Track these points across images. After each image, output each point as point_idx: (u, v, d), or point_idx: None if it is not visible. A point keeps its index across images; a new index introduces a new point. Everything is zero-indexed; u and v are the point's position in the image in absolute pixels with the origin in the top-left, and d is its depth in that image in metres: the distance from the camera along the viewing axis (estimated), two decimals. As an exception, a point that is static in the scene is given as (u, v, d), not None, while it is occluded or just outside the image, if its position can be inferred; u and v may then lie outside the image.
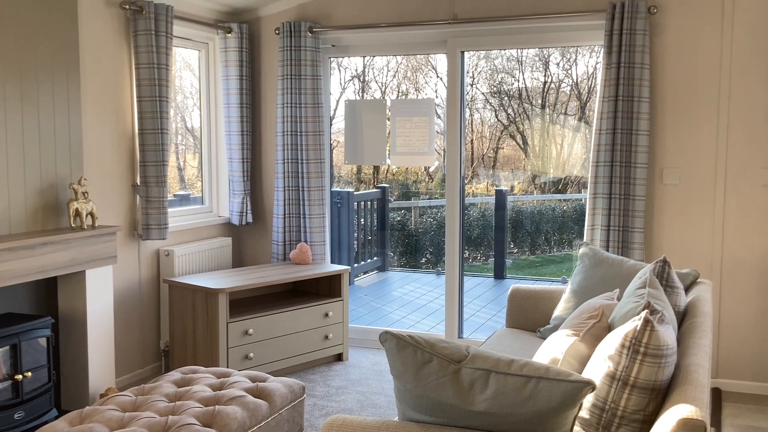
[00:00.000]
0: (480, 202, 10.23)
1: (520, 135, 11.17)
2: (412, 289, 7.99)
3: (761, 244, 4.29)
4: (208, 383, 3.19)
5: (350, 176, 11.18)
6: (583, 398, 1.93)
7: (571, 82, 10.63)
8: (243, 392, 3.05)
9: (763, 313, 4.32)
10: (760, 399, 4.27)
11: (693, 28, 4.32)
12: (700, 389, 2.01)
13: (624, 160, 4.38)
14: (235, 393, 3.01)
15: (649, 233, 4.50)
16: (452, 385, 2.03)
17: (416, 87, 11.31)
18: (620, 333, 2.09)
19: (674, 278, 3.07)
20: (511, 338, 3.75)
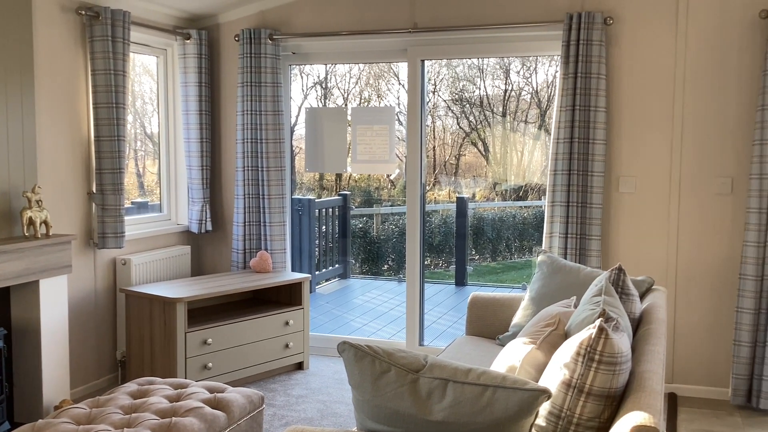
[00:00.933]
0: (442, 209, 10.27)
1: (481, 142, 11.26)
2: (373, 297, 7.99)
3: (714, 251, 4.39)
4: (164, 395, 3.14)
5: (313, 183, 11.15)
6: (539, 406, 1.95)
7: (531, 90, 10.75)
8: (200, 403, 3.01)
9: (716, 318, 4.41)
10: (714, 403, 4.36)
11: (648, 39, 4.40)
12: (653, 396, 2.04)
13: (581, 168, 4.44)
14: (192, 404, 2.98)
15: (605, 241, 4.57)
16: (410, 395, 2.04)
17: (378, 94, 11.34)
18: (576, 341, 2.11)
19: (629, 285, 3.12)
20: (471, 346, 3.77)
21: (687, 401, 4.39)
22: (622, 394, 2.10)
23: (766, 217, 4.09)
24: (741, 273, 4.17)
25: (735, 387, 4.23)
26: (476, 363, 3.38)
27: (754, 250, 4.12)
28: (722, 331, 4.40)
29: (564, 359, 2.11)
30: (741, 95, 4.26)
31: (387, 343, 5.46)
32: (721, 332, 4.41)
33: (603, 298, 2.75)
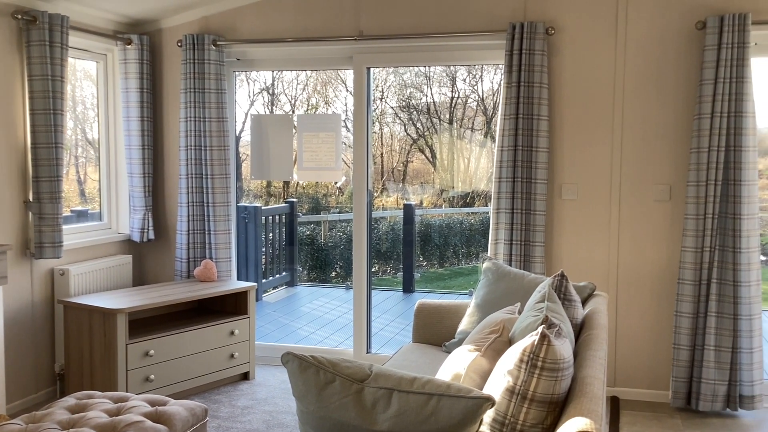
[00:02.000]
0: (390, 216, 10.29)
1: (429, 149, 11.33)
2: (321, 304, 7.95)
3: (653, 256, 4.49)
4: (104, 408, 3.06)
5: (260, 190, 11.05)
6: (483, 414, 1.95)
7: (477, 98, 10.87)
8: (141, 417, 2.94)
9: (656, 322, 4.51)
10: (656, 406, 4.45)
11: (588, 49, 4.49)
12: (595, 401, 2.06)
13: (525, 176, 4.50)
14: (132, 418, 2.90)
15: (549, 247, 4.64)
16: (355, 405, 2.02)
17: (326, 100, 11.31)
18: (519, 348, 2.13)
19: (572, 291, 3.16)
20: (418, 353, 3.77)
21: (629, 404, 4.47)
22: (564, 400, 2.12)
23: (703, 223, 4.20)
24: (679, 278, 4.27)
25: (675, 390, 4.33)
26: (422, 370, 3.38)
27: (691, 255, 4.23)
28: (662, 334, 4.50)
29: (507, 366, 2.13)
30: (678, 104, 4.38)
31: (334, 351, 5.43)
32: (661, 336, 4.51)
33: (546, 305, 2.78)
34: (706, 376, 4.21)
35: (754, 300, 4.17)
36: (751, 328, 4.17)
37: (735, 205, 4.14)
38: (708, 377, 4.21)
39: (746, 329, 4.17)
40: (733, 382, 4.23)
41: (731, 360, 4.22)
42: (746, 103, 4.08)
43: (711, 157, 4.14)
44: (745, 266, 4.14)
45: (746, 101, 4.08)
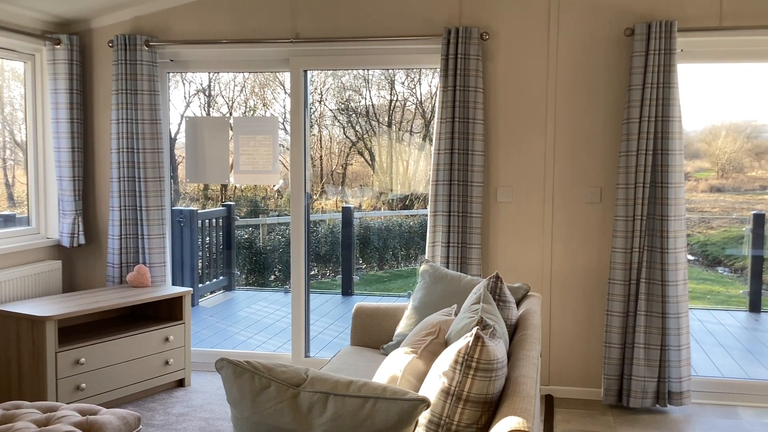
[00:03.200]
0: (329, 219, 10.26)
1: (368, 152, 11.35)
2: (259, 308, 7.87)
3: (585, 257, 4.60)
4: (32, 419, 2.96)
5: (197, 193, 10.88)
6: (418, 415, 1.97)
7: (415, 101, 10.94)
8: (71, 427, 2.85)
9: (588, 322, 4.62)
10: (588, 403, 4.55)
11: (522, 54, 4.57)
12: (527, 400, 2.10)
13: (461, 179, 4.55)
14: (62, 429, 2.82)
15: (486, 249, 4.70)
16: (291, 410, 2.01)
17: (264, 103, 11.22)
18: (454, 349, 2.15)
19: (506, 293, 3.21)
20: (356, 356, 3.77)
21: (563, 402, 4.56)
22: (498, 399, 2.15)
23: (632, 224, 4.33)
24: (610, 278, 4.39)
25: (607, 387, 4.44)
26: (360, 373, 3.39)
27: (621, 256, 4.35)
28: (594, 333, 4.61)
29: (443, 368, 2.15)
30: (608, 109, 4.49)
31: (272, 356, 5.38)
32: (593, 335, 4.62)
33: (481, 306, 2.82)
34: (637, 373, 4.33)
35: (682, 299, 4.31)
36: (678, 326, 4.31)
37: (662, 207, 4.28)
38: (638, 374, 4.33)
39: (674, 327, 4.31)
40: (662, 379, 4.37)
41: (660, 357, 4.35)
42: (673, 108, 4.22)
43: (639, 161, 4.26)
44: (672, 266, 4.28)
45: (673, 106, 4.22)
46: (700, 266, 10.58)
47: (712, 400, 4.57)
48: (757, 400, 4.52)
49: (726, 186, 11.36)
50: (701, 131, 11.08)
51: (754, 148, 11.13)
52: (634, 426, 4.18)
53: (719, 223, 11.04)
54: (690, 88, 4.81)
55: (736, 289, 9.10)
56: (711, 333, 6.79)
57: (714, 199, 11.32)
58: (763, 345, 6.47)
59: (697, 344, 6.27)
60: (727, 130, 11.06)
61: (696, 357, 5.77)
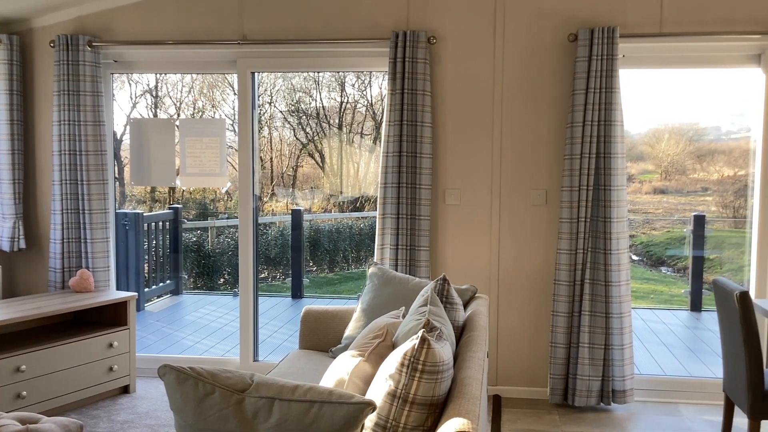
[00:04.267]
0: (279, 221, 10.20)
1: (318, 154, 11.31)
2: (207, 312, 7.77)
3: (531, 259, 4.66)
4: (-32, 431, 2.87)
5: (144, 195, 10.69)
6: (364, 419, 1.97)
7: (366, 103, 10.96)
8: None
9: (535, 322, 4.69)
10: (535, 403, 4.62)
11: (468, 58, 4.62)
12: (473, 401, 2.12)
13: (410, 181, 4.57)
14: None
15: (434, 251, 4.73)
16: (235, 416, 1.99)
17: (213, 104, 11.09)
18: (400, 352, 2.16)
19: (453, 295, 3.24)
20: (304, 360, 3.76)
21: (510, 402, 4.62)
22: (444, 401, 2.17)
23: (577, 226, 4.41)
24: (555, 279, 4.46)
25: (553, 386, 4.51)
26: (309, 377, 3.38)
27: (566, 257, 4.43)
28: (540, 334, 4.68)
29: (389, 370, 2.16)
30: (553, 112, 4.57)
31: (220, 361, 5.32)
32: (539, 335, 4.69)
33: (428, 308, 2.84)
34: (581, 372, 4.41)
35: (624, 299, 4.41)
36: (621, 325, 4.40)
37: (605, 209, 4.37)
38: (583, 374, 4.41)
39: (617, 327, 4.40)
40: (606, 378, 4.45)
41: (604, 356, 4.44)
42: (615, 113, 4.31)
43: (583, 164, 4.34)
44: (615, 267, 4.37)
45: (615, 110, 4.31)
46: (644, 266, 10.83)
47: (655, 398, 4.68)
48: (698, 397, 4.65)
49: (669, 188, 11.65)
50: (645, 134, 11.35)
51: (695, 150, 11.44)
52: (579, 424, 4.25)
53: (662, 224, 11.32)
54: (635, 92, 4.92)
55: (678, 288, 9.35)
56: (654, 332, 6.96)
57: (658, 201, 11.60)
58: (703, 343, 6.66)
59: (641, 343, 6.42)
60: (670, 133, 11.34)
61: (639, 356, 5.90)
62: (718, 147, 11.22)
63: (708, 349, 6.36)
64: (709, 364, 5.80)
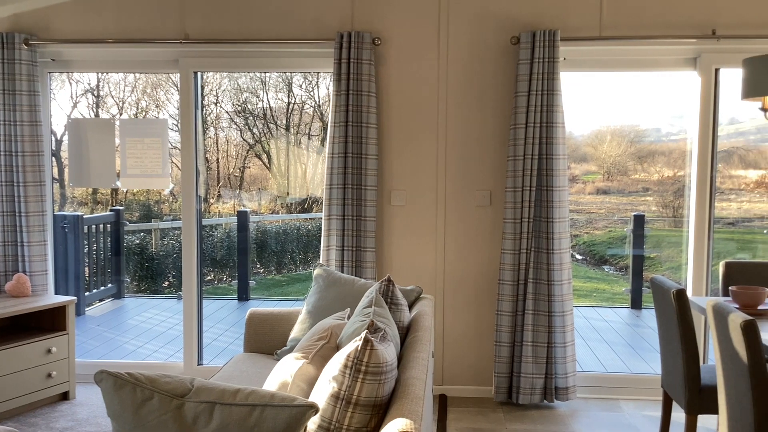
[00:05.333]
0: (225, 223, 10.09)
1: (266, 154, 11.22)
2: (150, 316, 7.63)
3: (476, 259, 4.71)
4: None
5: (86, 197, 10.45)
6: (306, 421, 1.95)
7: (314, 104, 10.91)
8: (-61, 449, 2.68)
9: (480, 322, 4.74)
10: (480, 401, 4.67)
11: (413, 60, 4.64)
12: (416, 402, 2.13)
13: (355, 182, 4.56)
14: (-72, 451, 2.64)
15: (380, 252, 4.74)
16: (174, 422, 1.96)
17: (157, 104, 10.90)
18: (343, 354, 2.16)
19: (398, 295, 3.24)
20: (249, 363, 3.72)
21: (456, 401, 4.66)
22: (388, 402, 2.17)
23: (520, 226, 4.47)
24: (500, 278, 4.51)
25: (497, 385, 4.56)
26: (253, 380, 3.34)
27: (510, 257, 4.48)
28: (485, 333, 4.73)
29: (333, 372, 2.15)
30: (497, 114, 4.62)
31: (163, 365, 5.24)
32: (484, 334, 4.74)
33: (373, 310, 2.84)
34: (525, 370, 4.47)
35: (566, 297, 4.49)
36: (564, 323, 4.48)
37: (547, 210, 4.44)
38: (527, 371, 4.48)
39: (559, 325, 4.48)
40: (549, 375, 4.53)
41: (547, 354, 4.51)
42: (556, 114, 4.39)
43: (526, 165, 4.40)
44: (558, 266, 4.44)
45: (556, 112, 4.39)
46: (587, 265, 11.04)
47: (597, 395, 4.77)
48: (638, 393, 4.76)
49: (611, 188, 11.91)
50: (588, 136, 11.57)
51: (637, 152, 11.72)
52: (523, 422, 4.31)
53: (605, 224, 11.56)
54: (578, 94, 5.01)
55: (620, 286, 9.56)
56: (596, 329, 7.10)
57: (600, 201, 11.85)
58: (643, 340, 6.82)
59: (583, 341, 6.54)
60: (612, 134, 11.60)
61: (582, 353, 6.02)
62: (658, 148, 11.52)
63: (648, 345, 6.52)
64: (649, 361, 5.94)
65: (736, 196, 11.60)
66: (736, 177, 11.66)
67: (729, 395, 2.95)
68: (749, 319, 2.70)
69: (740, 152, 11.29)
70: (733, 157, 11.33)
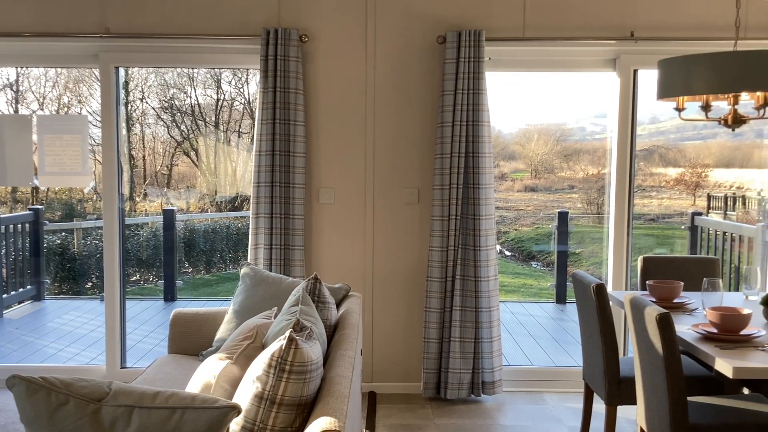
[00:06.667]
0: (151, 222, 9.87)
1: (194, 152, 11.03)
2: (72, 318, 7.40)
3: (405, 256, 4.74)
4: None
5: (5, 196, 10.06)
6: (229, 423, 1.93)
7: (244, 101, 10.77)
8: None
9: (409, 319, 4.77)
10: (409, 398, 4.70)
11: (341, 58, 4.63)
12: (341, 400, 2.13)
13: (283, 180, 4.53)
14: None
15: (308, 251, 4.72)
16: (92, 426, 1.91)
17: (80, 99, 10.58)
18: (267, 353, 2.14)
19: (325, 294, 3.23)
20: (173, 365, 3.65)
21: (385, 398, 4.68)
22: (314, 401, 2.16)
23: (448, 224, 4.51)
24: (428, 276, 4.55)
25: (426, 381, 4.60)
26: (177, 382, 3.28)
27: (438, 254, 4.53)
28: (414, 330, 4.77)
29: (257, 372, 2.13)
30: (425, 113, 4.66)
31: (85, 369, 5.09)
32: (413, 331, 4.77)
33: (299, 308, 2.82)
34: (453, 366, 4.53)
35: (493, 293, 4.56)
36: (490, 319, 4.55)
37: (474, 207, 4.50)
38: (454, 367, 4.53)
39: (486, 320, 4.55)
40: (476, 370, 4.59)
41: (474, 350, 4.58)
42: (482, 113, 4.45)
43: (453, 163, 4.46)
44: (484, 263, 4.51)
45: (482, 111, 4.45)
46: (516, 261, 11.26)
47: (522, 388, 4.87)
48: (562, 386, 4.87)
49: (539, 186, 12.17)
50: (516, 134, 11.80)
51: (563, 150, 12.01)
52: (450, 416, 4.36)
53: (532, 221, 11.81)
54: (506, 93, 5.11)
55: (546, 282, 9.79)
56: (522, 324, 7.25)
57: (528, 198, 12.10)
58: (567, 333, 7.00)
59: (510, 336, 6.67)
60: (539, 133, 11.86)
61: (508, 348, 6.13)
62: (584, 147, 11.84)
63: (572, 339, 6.70)
64: (573, 354, 6.10)
65: (657, 193, 12.03)
66: (657, 174, 12.08)
67: (646, 386, 3.05)
68: (664, 312, 2.80)
69: (661, 151, 11.71)
70: (654, 156, 11.74)
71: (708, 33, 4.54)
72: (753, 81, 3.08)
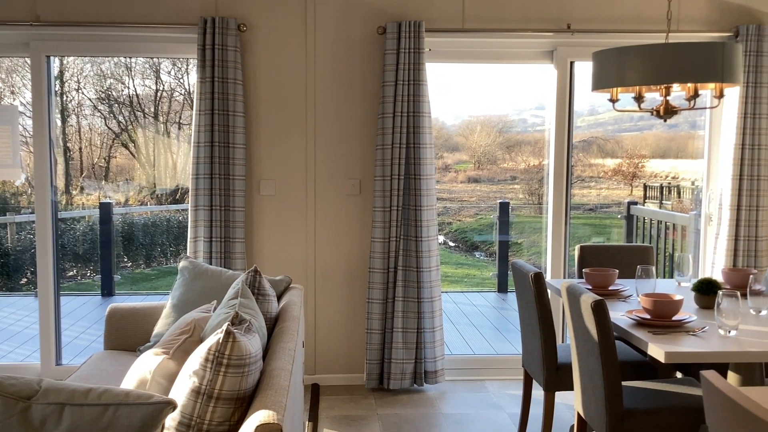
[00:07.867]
0: (88, 215, 9.63)
1: (133, 144, 10.79)
2: (5, 315, 7.18)
3: (347, 248, 4.73)
4: None
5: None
6: (164, 419, 1.90)
7: (184, 92, 10.58)
8: None
9: (352, 310, 4.77)
10: (352, 389, 4.70)
11: (281, 48, 4.58)
12: (280, 393, 2.11)
13: (222, 172, 4.46)
14: None
15: (249, 243, 4.67)
16: (21, 425, 1.85)
17: (13, 90, 10.23)
18: (204, 347, 2.11)
19: (266, 286, 3.21)
20: (109, 361, 3.57)
21: (328, 390, 4.67)
22: (252, 394, 2.14)
23: (389, 215, 4.52)
24: (370, 267, 4.56)
25: (369, 372, 4.61)
26: (112, 379, 3.21)
27: (380, 245, 4.53)
28: (357, 321, 4.77)
29: (194, 366, 2.10)
30: (366, 103, 4.65)
31: (18, 366, 4.94)
32: (356, 323, 4.77)
33: (239, 301, 2.79)
34: (396, 356, 4.55)
35: (435, 283, 4.60)
36: (432, 309, 4.58)
37: (416, 198, 4.52)
38: (397, 357, 4.55)
39: (428, 310, 4.58)
40: (418, 360, 4.62)
41: (416, 340, 4.60)
42: (423, 104, 4.46)
43: (394, 154, 4.46)
44: (426, 253, 4.54)
45: (423, 102, 4.46)
46: (459, 252, 11.38)
47: (464, 376, 4.92)
48: (502, 374, 4.94)
49: (482, 177, 12.31)
50: (459, 126, 11.90)
51: (505, 141, 12.16)
52: (393, 406, 4.38)
53: (475, 211, 11.94)
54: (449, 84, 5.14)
55: (488, 271, 9.92)
56: (465, 314, 7.33)
57: (472, 189, 12.22)
58: (508, 322, 7.11)
59: (452, 325, 6.73)
60: (482, 125, 11.98)
61: (451, 337, 6.19)
62: (525, 138, 12.02)
63: (512, 327, 6.80)
64: (513, 342, 6.20)
65: (596, 183, 12.30)
66: (595, 165, 12.35)
67: (582, 372, 3.12)
68: (599, 299, 2.86)
69: (599, 142, 11.96)
70: (593, 147, 12.00)
71: (642, 25, 4.65)
72: (684, 73, 3.16)
